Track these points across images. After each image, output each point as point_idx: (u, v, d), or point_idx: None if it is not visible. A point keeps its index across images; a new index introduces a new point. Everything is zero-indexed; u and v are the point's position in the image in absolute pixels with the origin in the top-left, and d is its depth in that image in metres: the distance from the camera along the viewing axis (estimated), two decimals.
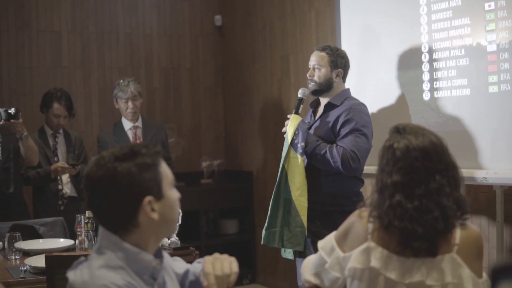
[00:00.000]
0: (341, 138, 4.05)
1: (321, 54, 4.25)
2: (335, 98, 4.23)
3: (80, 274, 1.96)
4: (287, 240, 4.08)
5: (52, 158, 5.24)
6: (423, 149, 2.31)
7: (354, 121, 4.07)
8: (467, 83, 4.20)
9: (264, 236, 4.17)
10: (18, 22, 6.51)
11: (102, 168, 1.97)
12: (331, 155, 3.99)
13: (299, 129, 4.08)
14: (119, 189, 1.95)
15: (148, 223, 1.98)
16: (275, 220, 4.14)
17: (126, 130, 5.52)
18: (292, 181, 4.09)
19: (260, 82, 6.84)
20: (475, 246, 2.35)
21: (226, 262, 2.14)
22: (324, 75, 4.22)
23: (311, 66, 4.27)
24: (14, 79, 6.48)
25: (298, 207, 4.06)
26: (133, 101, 5.43)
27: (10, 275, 3.50)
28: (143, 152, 2.00)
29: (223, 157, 7.37)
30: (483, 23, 4.09)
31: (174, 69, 7.27)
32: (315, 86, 4.23)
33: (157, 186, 2.00)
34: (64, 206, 5.22)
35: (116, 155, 1.98)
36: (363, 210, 2.45)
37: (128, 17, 7.03)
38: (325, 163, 4.04)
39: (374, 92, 4.83)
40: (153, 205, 1.98)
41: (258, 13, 6.84)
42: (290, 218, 4.08)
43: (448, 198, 2.30)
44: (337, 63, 4.25)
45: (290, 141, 4.09)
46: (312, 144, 4.05)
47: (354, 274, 2.38)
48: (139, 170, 1.96)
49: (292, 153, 4.09)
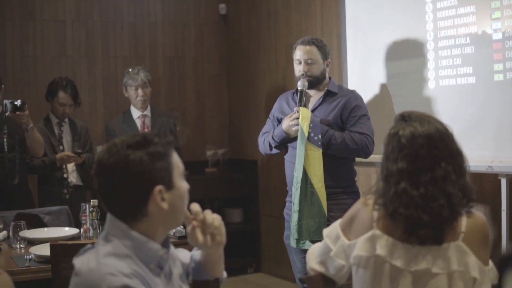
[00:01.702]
0: (353, 124, 4.13)
1: (311, 48, 4.23)
2: (331, 86, 4.26)
3: (86, 261, 1.95)
4: (313, 232, 4.08)
5: (58, 147, 5.24)
6: (429, 136, 2.31)
7: (361, 106, 4.19)
8: (472, 71, 4.19)
9: (297, 230, 4.11)
10: (23, 11, 6.50)
11: (114, 155, 1.96)
12: (350, 142, 4.06)
13: (312, 122, 4.08)
14: (130, 177, 1.95)
15: (157, 212, 1.98)
16: (302, 213, 4.11)
17: (134, 118, 5.53)
18: (313, 174, 4.09)
19: (264, 71, 6.83)
20: (481, 234, 2.35)
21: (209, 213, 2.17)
22: (319, 69, 4.23)
23: (301, 61, 4.23)
24: (18, 68, 6.47)
25: (321, 198, 4.08)
26: (143, 89, 5.45)
27: (15, 264, 3.51)
28: (155, 141, 1.99)
29: (227, 146, 7.37)
30: (488, 11, 4.08)
31: (179, 58, 7.25)
32: (313, 80, 4.22)
33: (168, 176, 1.99)
34: (69, 195, 5.22)
35: (129, 143, 1.98)
36: (369, 198, 2.44)
37: (133, 6, 7.02)
38: (343, 150, 4.10)
39: (378, 81, 4.82)
40: (163, 194, 1.97)
41: (262, 2, 6.82)
42: (315, 210, 4.09)
43: (454, 186, 2.29)
44: (326, 54, 4.27)
45: (307, 135, 4.07)
46: (327, 134, 4.08)
47: (359, 262, 2.38)
48: (151, 159, 1.96)
49: (311, 147, 4.07)
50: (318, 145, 4.06)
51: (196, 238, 2.12)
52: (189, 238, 2.14)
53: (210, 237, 2.13)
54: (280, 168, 6.54)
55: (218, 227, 2.15)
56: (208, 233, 2.13)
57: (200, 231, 2.12)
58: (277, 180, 6.62)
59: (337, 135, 4.08)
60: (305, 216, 4.09)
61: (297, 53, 4.27)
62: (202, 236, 2.12)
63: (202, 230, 2.12)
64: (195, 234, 2.12)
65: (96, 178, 2.01)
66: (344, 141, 4.06)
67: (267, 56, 6.78)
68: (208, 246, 2.15)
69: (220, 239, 2.16)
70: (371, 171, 5.09)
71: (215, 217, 2.15)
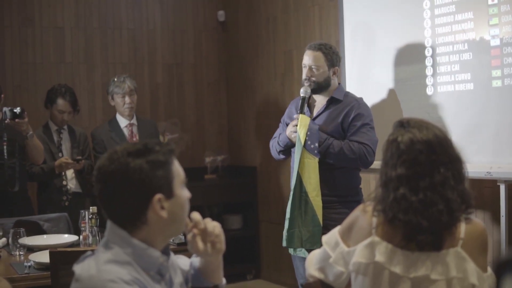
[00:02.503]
0: (354, 133, 4.10)
1: (317, 54, 4.22)
2: (336, 93, 4.23)
3: (87, 268, 1.95)
4: (306, 240, 4.08)
5: (57, 154, 5.24)
6: (427, 142, 2.31)
7: (364, 115, 4.14)
8: (470, 77, 4.20)
9: (286, 238, 4.14)
10: (21, 18, 6.51)
11: (115, 162, 1.97)
12: (348, 152, 4.03)
13: (310, 130, 4.06)
14: (130, 185, 1.95)
15: (157, 220, 1.98)
16: (293, 221, 4.10)
17: (122, 127, 5.50)
18: (308, 182, 4.07)
19: (263, 77, 6.84)
20: (480, 241, 2.35)
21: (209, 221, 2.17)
22: (323, 75, 4.21)
23: (306, 66, 4.24)
24: (17, 75, 6.48)
25: (315, 206, 4.05)
26: (130, 96, 5.42)
27: (15, 271, 3.51)
28: (156, 149, 2.00)
29: (226, 152, 7.36)
30: (486, 18, 4.09)
31: (178, 64, 7.26)
32: (315, 86, 4.21)
33: (168, 185, 1.99)
34: (69, 202, 5.22)
35: (129, 150, 1.98)
36: (367, 205, 2.45)
37: (132, 12, 7.03)
38: (341, 160, 4.07)
39: (377, 87, 4.82)
40: (162, 203, 1.97)
41: (261, 8, 6.83)
42: (308, 218, 4.07)
43: (453, 191, 2.30)
44: (333, 61, 4.25)
45: (303, 143, 4.06)
46: (325, 143, 4.06)
47: (358, 269, 2.39)
48: (151, 167, 1.96)
49: (307, 155, 4.06)
50: (315, 154, 4.05)
51: (196, 246, 2.12)
52: (189, 246, 2.15)
53: (210, 245, 2.14)
54: (279, 174, 6.56)
55: (218, 235, 2.15)
56: (208, 241, 2.13)
57: (201, 239, 2.13)
58: (276, 186, 6.63)
59: (335, 144, 4.06)
60: (297, 224, 4.08)
61: (304, 57, 4.27)
62: (202, 244, 2.12)
63: (202, 238, 2.13)
64: (196, 243, 2.12)
65: (97, 185, 2.01)
66: (342, 150, 4.04)
67: (265, 62, 6.79)
68: (208, 254, 2.15)
69: (220, 247, 2.16)
70: (370, 177, 5.09)
71: (215, 225, 2.16)
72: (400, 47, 4.67)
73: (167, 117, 6.88)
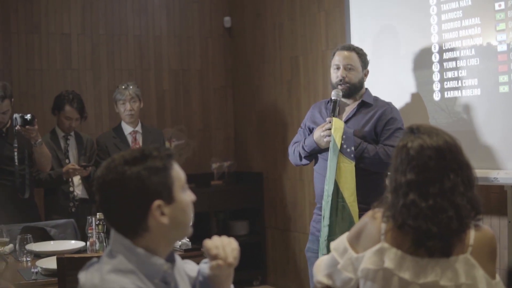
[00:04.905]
0: (388, 137, 3.98)
1: (351, 55, 4.12)
2: (366, 97, 4.15)
3: (90, 277, 1.96)
4: None
5: (64, 161, 5.24)
6: (437, 148, 2.31)
7: (397, 119, 4.04)
8: (477, 83, 4.19)
9: (327, 245, 3.85)
10: (28, 25, 6.53)
11: (112, 171, 1.97)
12: (384, 156, 3.89)
13: (345, 134, 3.93)
14: (127, 193, 1.95)
15: (158, 227, 1.97)
16: (333, 228, 3.91)
17: (126, 134, 5.52)
18: (345, 187, 3.91)
19: (269, 83, 6.84)
20: (489, 248, 2.35)
21: (224, 238, 2.15)
22: (358, 76, 4.12)
23: (340, 67, 4.11)
24: (24, 81, 6.49)
25: (353, 212, 3.89)
26: (130, 103, 5.43)
27: (22, 277, 3.51)
28: (154, 155, 1.99)
29: (233, 158, 7.37)
30: (493, 23, 4.08)
31: (184, 70, 7.27)
32: (350, 87, 4.10)
33: (167, 190, 1.98)
34: (75, 208, 5.22)
35: (126, 158, 1.98)
36: (376, 211, 2.45)
37: (138, 19, 7.04)
38: (376, 164, 3.95)
39: (384, 93, 4.81)
40: (163, 209, 1.97)
41: (267, 14, 6.84)
42: (345, 225, 3.86)
43: (462, 198, 2.30)
44: (366, 63, 4.18)
45: (340, 147, 3.92)
46: (360, 147, 3.94)
47: (367, 275, 2.38)
48: (148, 174, 1.95)
49: (343, 159, 3.91)
50: (351, 158, 3.90)
51: (216, 270, 2.11)
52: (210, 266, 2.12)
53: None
54: (285, 180, 6.56)
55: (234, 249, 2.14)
56: (229, 255, 2.12)
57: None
58: (283, 192, 6.62)
59: (370, 148, 3.94)
60: (336, 231, 3.87)
61: (335, 58, 4.14)
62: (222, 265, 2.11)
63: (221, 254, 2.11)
64: (218, 269, 2.10)
65: (97, 194, 2.02)
66: (378, 154, 3.92)
67: (272, 68, 6.79)
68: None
69: (233, 262, 2.15)
70: None
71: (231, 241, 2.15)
72: (406, 53, 4.67)
73: (174, 124, 6.88)
